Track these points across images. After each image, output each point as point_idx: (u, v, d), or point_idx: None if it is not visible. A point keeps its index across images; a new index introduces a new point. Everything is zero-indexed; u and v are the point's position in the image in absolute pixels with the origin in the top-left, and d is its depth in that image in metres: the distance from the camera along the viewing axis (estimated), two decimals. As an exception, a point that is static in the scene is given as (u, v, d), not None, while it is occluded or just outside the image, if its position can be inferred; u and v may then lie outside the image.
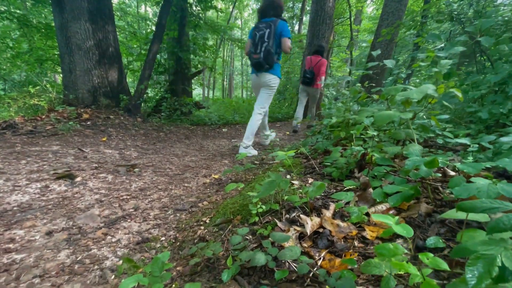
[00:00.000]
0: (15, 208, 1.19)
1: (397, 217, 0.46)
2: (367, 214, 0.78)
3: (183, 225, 1.04)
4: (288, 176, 1.28)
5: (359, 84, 1.81)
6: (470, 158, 1.10)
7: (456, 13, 2.59)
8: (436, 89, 1.08)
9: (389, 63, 1.40)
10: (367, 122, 1.03)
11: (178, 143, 3.24)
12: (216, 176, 1.88)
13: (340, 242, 0.65)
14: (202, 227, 0.92)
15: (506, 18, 1.70)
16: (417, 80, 9.17)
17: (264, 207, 0.82)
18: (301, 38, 13.79)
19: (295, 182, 1.12)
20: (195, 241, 0.81)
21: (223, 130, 4.59)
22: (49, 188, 1.45)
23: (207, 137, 3.92)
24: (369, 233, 0.71)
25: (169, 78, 6.02)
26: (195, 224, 1.01)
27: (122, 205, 1.31)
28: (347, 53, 15.46)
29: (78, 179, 1.62)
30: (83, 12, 3.52)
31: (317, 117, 4.75)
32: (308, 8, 15.91)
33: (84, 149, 2.35)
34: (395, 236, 0.67)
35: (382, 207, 0.83)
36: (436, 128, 1.26)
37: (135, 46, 9.02)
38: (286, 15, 20.73)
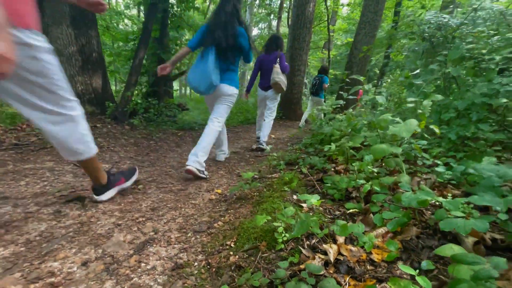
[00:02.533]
0: (38, 238, 1.24)
1: (417, 270, 0.63)
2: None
3: (209, 249, 1.16)
4: (295, 197, 1.44)
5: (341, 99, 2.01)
6: (445, 176, 1.34)
7: (427, 34, 2.90)
8: (418, 124, 1.30)
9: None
10: (367, 158, 1.22)
11: (171, 152, 3.28)
12: (219, 191, 2.00)
13: (357, 267, 0.83)
14: (231, 253, 1.06)
15: (471, 46, 1.98)
16: (388, 80, 9.87)
17: (287, 235, 0.98)
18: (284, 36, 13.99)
19: (304, 205, 1.29)
20: (232, 268, 0.95)
21: (211, 135, 4.66)
22: (63, 213, 1.49)
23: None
24: (375, 256, 0.89)
25: (149, 80, 5.91)
26: (220, 248, 1.14)
27: (140, 228, 1.40)
28: (324, 53, 15.99)
29: (87, 200, 1.66)
30: (65, 16, 3.39)
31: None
32: (285, 5, 16.14)
33: (79, 165, 2.33)
34: (396, 259, 0.86)
35: (382, 230, 1.02)
36: (416, 152, 1.49)
37: (108, 42, 8.63)
38: (264, 11, 20.81)
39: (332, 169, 1.81)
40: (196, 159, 2.20)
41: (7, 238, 1.22)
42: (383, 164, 1.32)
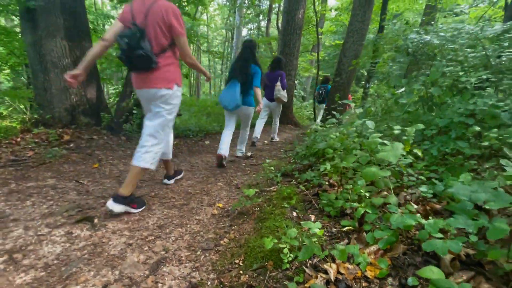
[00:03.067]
0: (55, 262, 1.31)
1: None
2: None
3: (219, 267, 1.27)
4: (294, 214, 1.57)
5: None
6: (429, 191, 1.50)
7: (410, 50, 3.10)
8: (403, 147, 1.45)
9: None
10: (360, 183, 1.36)
11: (168, 163, 3.34)
12: (221, 205, 2.11)
13: (354, 284, 0.96)
14: (241, 271, 1.17)
15: (450, 68, 2.17)
16: (375, 81, 10.25)
17: (292, 255, 1.11)
18: (269, 40, 14.18)
19: (303, 223, 1.41)
20: (244, 287, 1.06)
21: (206, 142, 4.74)
22: (74, 235, 1.56)
23: (193, 152, 4.06)
24: (369, 273, 1.03)
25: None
26: (230, 266, 1.26)
27: (151, 247, 1.49)
28: (313, 55, 16.28)
29: (96, 220, 1.73)
30: (59, 29, 3.39)
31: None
32: (275, 6, 16.32)
33: (81, 181, 2.39)
34: (387, 276, 1.00)
35: (374, 248, 1.17)
36: (402, 169, 1.65)
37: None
38: (253, 12, 20.96)
39: (327, 183, 1.95)
40: (242, 149, 3.86)
41: (26, 263, 1.29)
42: (373, 183, 1.47)
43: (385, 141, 1.54)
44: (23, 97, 3.93)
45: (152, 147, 1.91)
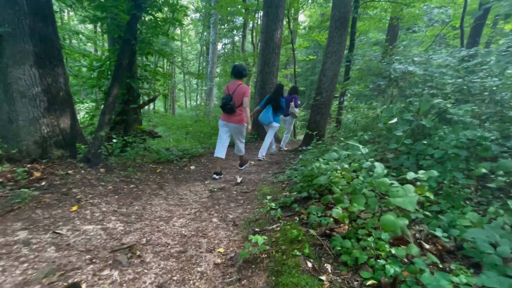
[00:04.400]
0: None
1: None
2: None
3: None
4: (309, 264, 1.48)
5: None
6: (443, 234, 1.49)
7: (393, 76, 3.25)
8: (415, 190, 1.45)
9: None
10: (384, 237, 1.32)
11: (155, 197, 3.12)
12: (222, 251, 1.97)
13: None
14: None
15: (439, 100, 2.28)
16: (348, 94, 10.81)
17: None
18: (246, 57, 14.42)
19: (323, 278, 1.33)
20: None
21: (191, 168, 4.54)
22: (60, 310, 1.33)
23: (179, 181, 3.85)
24: None
25: (117, 108, 5.59)
26: None
27: (154, 318, 1.31)
28: (288, 69, 16.76)
29: (83, 286, 1.51)
30: (28, 56, 3.10)
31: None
32: (249, 22, 16.71)
33: (59, 231, 2.11)
34: None
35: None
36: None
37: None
38: (226, 28, 21.29)
39: (332, 219, 1.90)
40: (263, 154, 5.34)
41: None
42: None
43: (394, 182, 1.53)
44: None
45: (243, 148, 4.28)
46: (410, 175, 1.43)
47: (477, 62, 2.90)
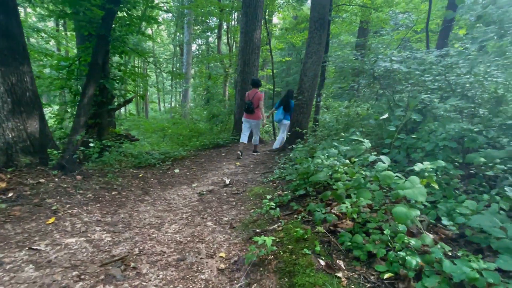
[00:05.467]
0: None
1: None
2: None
3: None
4: (322, 262, 1.45)
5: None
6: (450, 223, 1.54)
7: (377, 74, 3.36)
8: (419, 181, 1.48)
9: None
10: (401, 228, 1.32)
11: (140, 203, 2.92)
12: (223, 255, 1.87)
13: None
14: None
15: (427, 95, 2.38)
16: (324, 94, 11.24)
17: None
18: (222, 58, 14.33)
19: (339, 275, 1.31)
20: None
21: (175, 171, 4.34)
22: (50, 337, 1.16)
23: (165, 185, 3.65)
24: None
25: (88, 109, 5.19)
26: None
27: (163, 335, 1.19)
28: (265, 71, 16.92)
29: (75, 306, 1.34)
30: (-12, 52, 2.75)
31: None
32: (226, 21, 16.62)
33: (37, 247, 1.88)
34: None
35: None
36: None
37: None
38: (200, 28, 21.00)
39: (334, 215, 1.89)
40: (277, 146, 6.17)
41: None
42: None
43: (399, 175, 1.55)
44: None
45: (258, 139, 5.76)
46: (419, 166, 1.45)
47: (452, 61, 3.10)
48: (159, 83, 28.11)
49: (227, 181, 3.85)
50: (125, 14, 5.39)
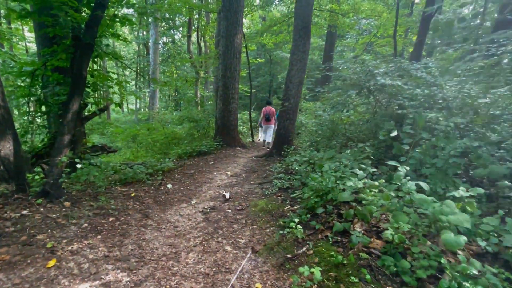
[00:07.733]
0: None
1: None
2: None
3: None
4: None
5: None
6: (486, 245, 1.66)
7: (372, 88, 3.53)
8: (455, 205, 1.58)
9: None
10: (462, 259, 1.39)
11: (145, 229, 2.69)
12: (260, 287, 1.81)
13: None
14: None
15: (433, 115, 2.56)
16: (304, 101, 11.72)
17: None
18: (194, 60, 13.93)
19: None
20: None
21: (168, 186, 4.09)
22: None
23: (163, 205, 3.42)
24: None
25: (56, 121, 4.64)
26: None
27: None
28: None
29: None
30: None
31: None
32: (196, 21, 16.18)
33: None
34: None
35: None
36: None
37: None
38: (165, 26, 20.16)
39: (378, 245, 1.91)
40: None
41: None
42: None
43: (434, 199, 1.64)
44: None
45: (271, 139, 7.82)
46: (460, 192, 1.55)
47: (436, 75, 3.38)
48: (122, 82, 26.19)
49: (227, 195, 3.75)
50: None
